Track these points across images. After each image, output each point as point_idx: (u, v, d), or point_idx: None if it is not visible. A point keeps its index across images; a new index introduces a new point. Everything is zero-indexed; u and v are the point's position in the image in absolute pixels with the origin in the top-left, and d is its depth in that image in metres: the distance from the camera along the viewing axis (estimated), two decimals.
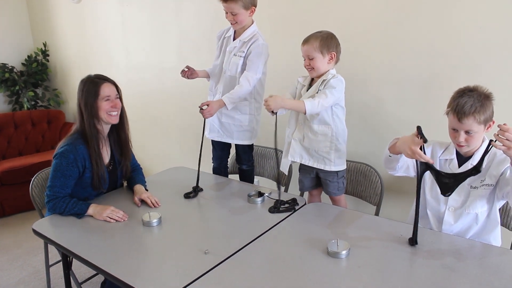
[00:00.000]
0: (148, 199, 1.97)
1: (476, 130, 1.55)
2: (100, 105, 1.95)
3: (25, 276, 2.66)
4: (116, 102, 1.99)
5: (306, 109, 1.88)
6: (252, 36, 2.26)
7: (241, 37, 2.27)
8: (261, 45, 2.24)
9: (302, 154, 2.13)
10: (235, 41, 2.29)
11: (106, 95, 1.95)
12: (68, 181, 1.91)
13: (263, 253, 1.50)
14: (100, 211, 1.85)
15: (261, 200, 1.95)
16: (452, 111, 1.56)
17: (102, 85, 1.96)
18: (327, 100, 1.91)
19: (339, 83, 1.95)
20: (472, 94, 1.54)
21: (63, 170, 1.89)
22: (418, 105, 2.26)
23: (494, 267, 1.36)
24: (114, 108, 1.98)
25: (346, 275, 1.34)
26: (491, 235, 1.67)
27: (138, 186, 2.10)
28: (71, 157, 1.89)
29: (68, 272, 1.89)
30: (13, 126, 4.12)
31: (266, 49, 2.27)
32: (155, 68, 3.64)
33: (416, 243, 1.50)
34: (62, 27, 4.38)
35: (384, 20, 2.28)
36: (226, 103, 2.21)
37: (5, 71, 4.33)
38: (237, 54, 2.29)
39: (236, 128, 2.40)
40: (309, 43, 1.96)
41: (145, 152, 4.00)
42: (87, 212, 1.86)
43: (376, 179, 2.20)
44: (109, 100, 1.96)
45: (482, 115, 1.52)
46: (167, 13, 3.38)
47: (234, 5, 2.15)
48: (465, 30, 2.04)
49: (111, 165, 2.10)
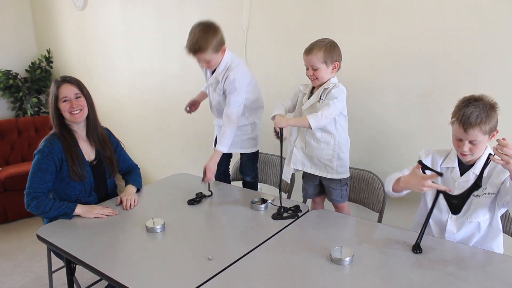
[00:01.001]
0: (125, 200, 2.03)
1: (481, 140, 1.55)
2: (60, 106, 2.00)
3: (28, 282, 2.67)
4: (75, 102, 2.00)
5: (311, 125, 1.90)
6: (225, 71, 2.19)
7: (215, 74, 2.23)
8: (232, 81, 2.16)
9: (304, 162, 2.14)
10: (212, 77, 2.26)
11: (63, 97, 1.99)
12: (46, 176, 1.94)
13: (266, 260, 1.50)
14: (88, 210, 1.93)
15: (264, 206, 1.95)
16: (458, 121, 1.55)
17: (60, 87, 2.00)
18: (330, 111, 1.91)
19: (340, 93, 1.95)
20: (477, 104, 1.53)
21: (40, 164, 1.93)
22: (419, 112, 2.26)
23: (497, 274, 1.36)
24: (73, 107, 2.00)
25: (350, 282, 1.34)
26: (494, 243, 1.67)
27: (128, 187, 2.17)
28: (46, 151, 1.94)
29: (72, 278, 1.89)
30: (16, 132, 4.14)
31: (239, 82, 2.17)
32: (158, 75, 3.66)
33: (421, 251, 1.50)
34: (66, 34, 4.41)
35: (385, 28, 2.29)
36: (222, 150, 2.21)
37: (9, 77, 4.35)
38: (216, 90, 2.28)
39: (239, 137, 2.38)
40: (312, 53, 1.94)
41: (148, 158, 4.00)
42: (74, 212, 1.91)
43: (379, 186, 2.20)
44: (66, 101, 1.99)
45: (487, 125, 1.52)
46: (170, 20, 3.40)
47: (204, 55, 2.10)
48: (466, 38, 2.05)
49: (95, 161, 2.13)
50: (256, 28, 2.83)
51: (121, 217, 1.92)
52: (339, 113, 1.99)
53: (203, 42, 2.07)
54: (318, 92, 2.00)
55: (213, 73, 2.25)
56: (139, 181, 2.25)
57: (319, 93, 1.98)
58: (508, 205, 1.56)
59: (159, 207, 2.03)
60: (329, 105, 1.91)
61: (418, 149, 1.84)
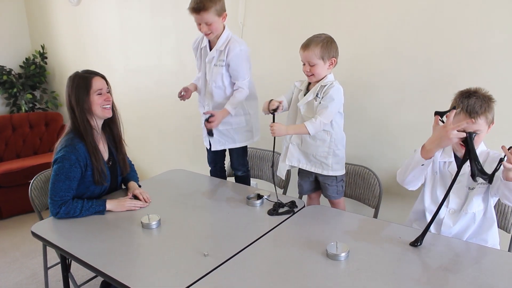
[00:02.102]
0: (140, 195, 2.01)
1: (483, 130, 1.57)
2: (93, 99, 1.93)
3: (23, 279, 2.66)
4: (108, 96, 1.98)
5: (310, 132, 1.91)
6: (228, 42, 2.21)
7: (216, 46, 2.22)
8: (238, 52, 2.19)
9: (300, 158, 2.13)
10: (212, 51, 2.25)
11: (98, 89, 1.93)
12: (72, 183, 1.88)
13: (262, 256, 1.50)
14: (119, 203, 1.92)
15: (260, 202, 1.95)
16: (464, 111, 1.56)
17: (93, 79, 1.94)
18: (327, 116, 1.92)
19: (338, 93, 1.94)
20: (477, 95, 1.57)
21: (67, 172, 1.86)
22: (416, 109, 2.27)
23: (493, 269, 1.36)
24: (107, 101, 1.97)
25: (345, 278, 1.34)
26: (489, 233, 1.69)
27: (131, 183, 2.15)
28: (73, 158, 1.87)
29: (67, 275, 1.88)
30: (11, 128, 4.11)
31: (245, 53, 2.23)
32: (153, 71, 3.64)
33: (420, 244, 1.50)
34: (61, 29, 4.38)
35: (384, 25, 2.29)
36: (230, 110, 2.22)
37: (3, 73, 4.32)
38: (218, 64, 2.25)
39: (235, 131, 2.39)
40: (309, 49, 1.93)
41: (144, 154, 3.99)
42: (106, 208, 1.89)
43: (375, 181, 2.21)
44: (101, 94, 1.95)
45: (490, 114, 1.56)
46: (166, 16, 3.38)
47: (207, 15, 2.09)
48: (463, 35, 2.05)
49: (110, 161, 2.10)
50: (252, 24, 2.82)
51: (116, 214, 1.90)
52: (336, 112, 1.99)
53: (207, 1, 2.08)
54: (314, 89, 1.99)
55: (211, 49, 2.26)
56: (137, 177, 2.25)
57: (316, 90, 1.98)
58: (498, 191, 1.57)
59: (155, 203, 2.02)
60: (326, 108, 1.91)
61: (414, 145, 1.84)
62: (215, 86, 2.29)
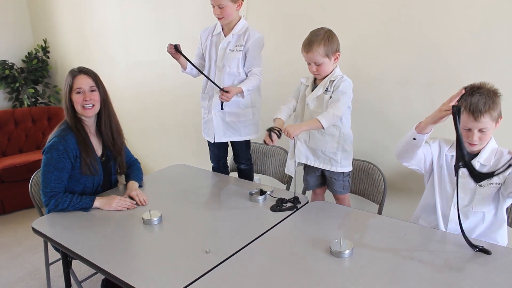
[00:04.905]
0: (136, 197, 1.95)
1: (490, 127, 1.54)
2: (73, 97, 1.94)
3: (25, 275, 2.65)
4: (89, 95, 1.94)
5: (323, 125, 1.87)
6: (246, 29, 2.24)
7: (234, 31, 2.24)
8: (259, 38, 2.24)
9: (307, 155, 2.11)
10: (228, 36, 2.25)
11: (77, 87, 1.92)
12: (62, 174, 1.88)
13: (265, 252, 1.48)
14: (107, 202, 1.87)
15: (262, 198, 1.92)
16: (467, 110, 1.53)
17: (76, 77, 1.94)
18: (340, 108, 1.89)
19: (348, 86, 1.92)
20: (481, 91, 1.52)
21: (55, 163, 1.86)
22: (422, 103, 2.24)
23: (500, 267, 1.33)
24: (86, 101, 1.93)
25: (349, 275, 1.32)
26: (498, 233, 1.66)
27: (131, 183, 2.09)
28: (61, 148, 1.87)
29: (68, 271, 1.87)
30: (13, 123, 4.10)
31: (262, 42, 2.28)
32: (155, 65, 3.62)
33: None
34: (63, 23, 4.35)
35: (389, 19, 2.25)
36: (244, 91, 2.19)
37: (5, 68, 4.31)
38: (235, 49, 2.25)
39: (241, 124, 2.36)
40: (312, 50, 1.89)
41: (146, 149, 3.98)
42: (93, 205, 1.86)
43: (379, 177, 2.18)
44: (80, 93, 1.93)
45: (495, 111, 1.52)
46: (168, 10, 3.35)
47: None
48: (468, 29, 2.01)
49: (103, 157, 2.07)
50: (255, 17, 2.79)
51: (118, 210, 1.88)
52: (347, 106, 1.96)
53: None
54: (324, 84, 1.96)
55: (226, 36, 2.27)
56: (140, 176, 2.20)
57: (325, 85, 1.95)
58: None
59: (156, 199, 2.00)
60: (339, 101, 1.88)
61: None
62: (229, 72, 2.27)
